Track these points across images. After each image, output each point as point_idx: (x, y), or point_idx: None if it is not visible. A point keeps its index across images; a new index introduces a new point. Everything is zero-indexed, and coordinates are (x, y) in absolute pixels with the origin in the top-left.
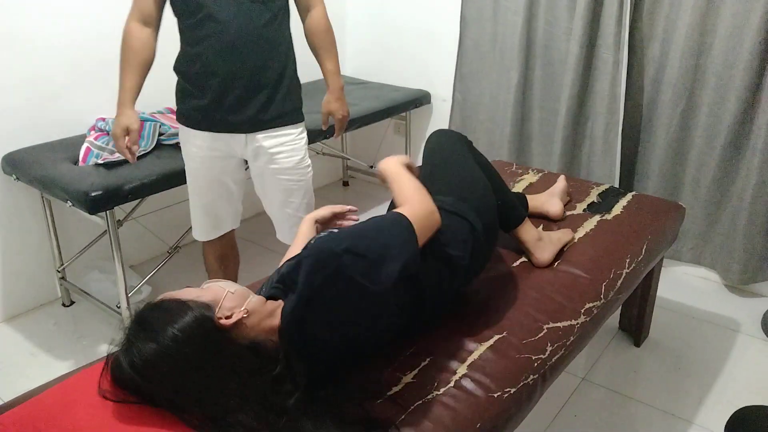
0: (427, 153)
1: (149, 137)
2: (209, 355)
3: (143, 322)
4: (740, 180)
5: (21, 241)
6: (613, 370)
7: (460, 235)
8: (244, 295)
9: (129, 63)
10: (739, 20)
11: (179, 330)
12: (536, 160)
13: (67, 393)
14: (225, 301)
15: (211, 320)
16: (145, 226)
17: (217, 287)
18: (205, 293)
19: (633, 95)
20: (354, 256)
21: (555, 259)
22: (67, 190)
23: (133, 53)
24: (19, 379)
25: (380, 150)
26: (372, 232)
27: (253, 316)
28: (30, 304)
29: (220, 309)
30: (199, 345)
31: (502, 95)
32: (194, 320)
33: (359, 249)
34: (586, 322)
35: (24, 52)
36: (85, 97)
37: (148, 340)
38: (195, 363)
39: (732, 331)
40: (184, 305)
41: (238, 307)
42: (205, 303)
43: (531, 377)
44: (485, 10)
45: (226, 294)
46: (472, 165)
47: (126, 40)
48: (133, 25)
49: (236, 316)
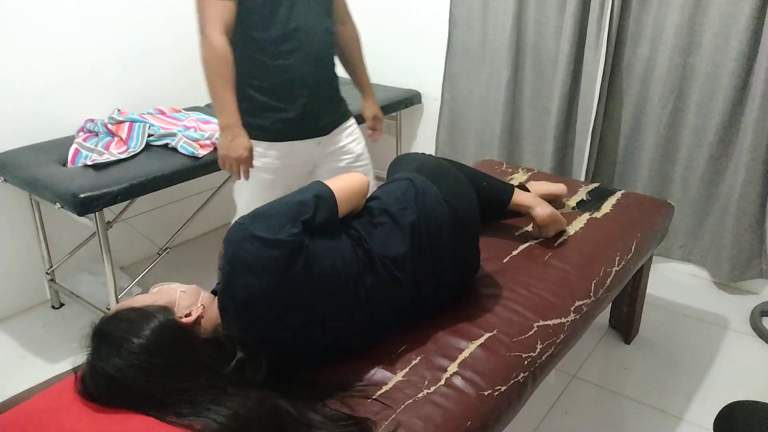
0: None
1: (138, 138)
2: (179, 356)
3: (104, 337)
4: (728, 178)
5: (9, 243)
6: (603, 367)
7: (397, 191)
8: (196, 292)
9: (227, 78)
10: (727, 19)
11: (146, 338)
12: (527, 159)
13: (57, 396)
14: (180, 301)
15: (174, 321)
16: (135, 228)
17: (168, 288)
18: (159, 297)
19: (621, 94)
20: (255, 218)
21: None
22: (56, 191)
23: (229, 68)
24: (8, 382)
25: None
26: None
27: (209, 310)
28: (19, 307)
29: (178, 309)
30: (169, 348)
31: (492, 94)
32: (159, 325)
33: (262, 210)
34: (576, 319)
35: (11, 52)
36: (73, 98)
37: (113, 356)
38: (166, 367)
39: (721, 328)
40: (144, 312)
41: (194, 305)
42: (163, 306)
43: (521, 375)
44: (474, 10)
45: (179, 294)
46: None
47: (219, 55)
48: (220, 38)
49: (195, 312)
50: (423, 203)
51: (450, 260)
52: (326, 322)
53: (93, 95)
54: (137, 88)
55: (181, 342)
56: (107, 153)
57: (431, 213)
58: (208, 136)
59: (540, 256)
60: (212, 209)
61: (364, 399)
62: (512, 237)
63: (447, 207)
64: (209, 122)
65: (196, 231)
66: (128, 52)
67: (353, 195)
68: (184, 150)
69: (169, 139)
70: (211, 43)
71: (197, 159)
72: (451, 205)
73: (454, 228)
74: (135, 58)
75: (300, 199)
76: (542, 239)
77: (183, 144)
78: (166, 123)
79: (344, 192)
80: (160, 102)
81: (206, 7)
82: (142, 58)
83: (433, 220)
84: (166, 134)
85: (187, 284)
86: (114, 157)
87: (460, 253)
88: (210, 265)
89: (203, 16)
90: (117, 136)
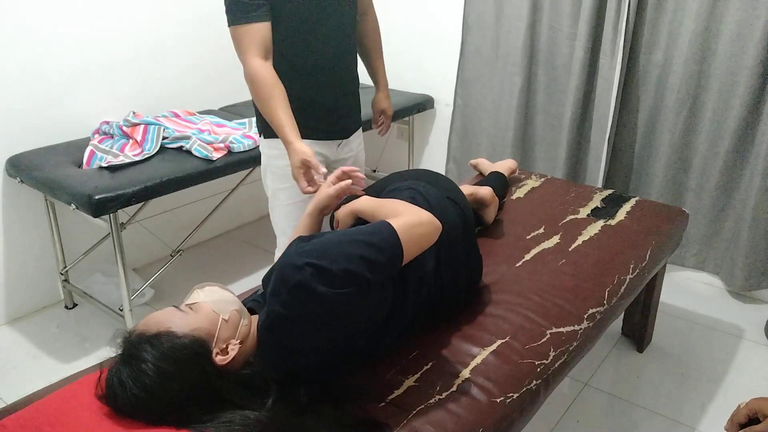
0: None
1: (153, 141)
2: (206, 393)
3: (135, 359)
4: (744, 186)
5: (24, 243)
6: (616, 375)
7: (406, 200)
8: (237, 320)
9: (276, 100)
10: (743, 27)
11: (176, 373)
12: (540, 165)
13: (70, 396)
14: (220, 332)
15: (207, 359)
16: (148, 229)
17: (210, 312)
18: (200, 322)
19: (636, 101)
20: (315, 270)
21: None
22: (71, 193)
23: (275, 90)
24: (22, 381)
25: (384, 154)
26: (341, 244)
27: (244, 344)
28: (33, 307)
29: (217, 341)
30: (198, 385)
31: (505, 100)
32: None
33: (323, 263)
34: (589, 327)
35: (28, 55)
36: (89, 100)
37: (142, 378)
38: (192, 399)
39: (735, 337)
40: (179, 343)
41: (232, 337)
42: (200, 338)
43: (534, 382)
44: (487, 15)
45: (221, 323)
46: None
47: (258, 82)
48: (258, 64)
49: (231, 352)
50: (437, 206)
51: (463, 260)
52: (352, 328)
53: (108, 97)
54: (152, 90)
55: (210, 380)
56: (122, 155)
57: (445, 214)
58: (222, 139)
59: (553, 262)
60: (225, 212)
61: (376, 403)
62: (524, 240)
63: (453, 205)
64: (223, 125)
65: (209, 233)
66: (143, 55)
67: (420, 251)
68: (198, 153)
69: (184, 142)
70: (248, 71)
71: (211, 162)
72: (454, 202)
73: (464, 225)
74: (150, 60)
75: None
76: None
77: (197, 147)
78: (180, 126)
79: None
80: (175, 105)
81: (239, 37)
82: (158, 60)
83: (447, 222)
84: (180, 137)
85: (221, 287)
86: (129, 159)
87: (469, 249)
88: (222, 268)
89: (238, 46)
90: (132, 138)
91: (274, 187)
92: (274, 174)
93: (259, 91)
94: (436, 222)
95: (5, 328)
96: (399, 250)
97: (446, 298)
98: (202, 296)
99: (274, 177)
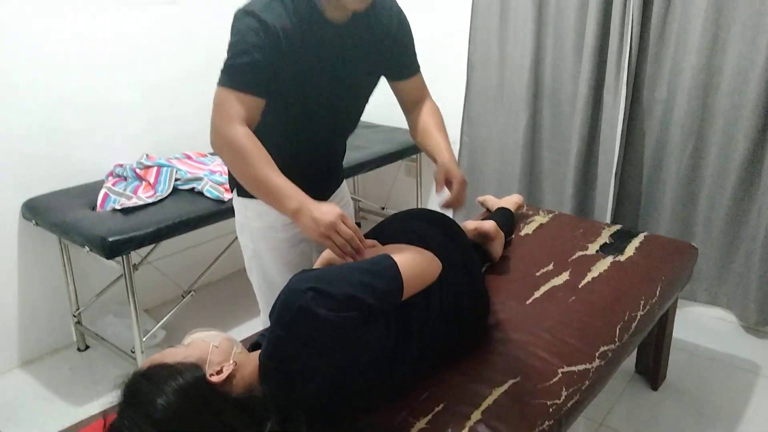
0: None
1: (165, 182)
2: (203, 418)
3: (132, 396)
4: (752, 219)
5: (38, 285)
6: (630, 414)
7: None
8: (229, 347)
9: (265, 163)
10: (745, 61)
11: (171, 399)
12: (548, 200)
13: None
14: (212, 357)
15: (202, 380)
16: (160, 270)
17: (200, 342)
18: (191, 352)
19: (641, 136)
20: (317, 294)
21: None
22: (85, 235)
23: (261, 153)
24: (35, 425)
25: (392, 191)
26: (345, 270)
27: (241, 368)
28: (45, 349)
29: (209, 365)
30: (194, 409)
31: (510, 137)
32: (185, 384)
33: (324, 287)
34: (601, 365)
35: (42, 99)
36: (103, 143)
37: (140, 417)
38: (193, 427)
39: (752, 374)
40: (173, 370)
41: (225, 361)
42: (193, 363)
43: (546, 423)
44: (492, 53)
45: (211, 349)
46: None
47: (243, 147)
48: (240, 129)
49: (226, 371)
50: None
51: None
52: (356, 358)
53: (122, 140)
54: (165, 132)
55: (208, 402)
56: (135, 197)
57: (444, 253)
58: None
59: (563, 299)
60: (236, 251)
61: None
62: (533, 277)
63: (452, 243)
64: None
65: (220, 274)
66: (156, 99)
67: (420, 286)
68: (210, 194)
69: (196, 184)
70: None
71: (223, 203)
72: (453, 240)
73: (464, 262)
74: (163, 103)
75: (368, 282)
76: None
77: (209, 188)
78: (192, 167)
79: (412, 282)
80: (187, 147)
81: (226, 101)
82: (170, 103)
83: (447, 260)
84: (192, 179)
85: (217, 330)
86: (142, 201)
87: (473, 287)
88: (234, 307)
89: (221, 110)
90: (145, 180)
91: (256, 247)
92: (254, 236)
93: (245, 156)
94: (436, 260)
95: (18, 371)
96: (398, 280)
97: (452, 335)
98: (194, 335)
99: (254, 239)
